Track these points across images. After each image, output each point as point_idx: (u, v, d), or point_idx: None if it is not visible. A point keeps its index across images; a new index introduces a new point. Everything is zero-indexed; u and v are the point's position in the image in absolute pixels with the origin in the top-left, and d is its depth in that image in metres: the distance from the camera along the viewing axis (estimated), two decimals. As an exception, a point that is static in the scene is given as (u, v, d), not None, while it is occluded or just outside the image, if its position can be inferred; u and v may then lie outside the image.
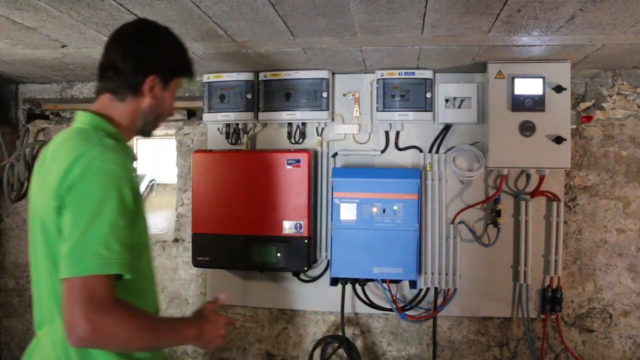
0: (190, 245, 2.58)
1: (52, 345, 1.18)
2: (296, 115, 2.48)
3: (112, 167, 1.15)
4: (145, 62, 1.29)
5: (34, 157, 2.93)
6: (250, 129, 2.61)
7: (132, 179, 1.19)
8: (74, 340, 1.05)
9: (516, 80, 2.19)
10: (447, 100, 2.41)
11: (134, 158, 1.33)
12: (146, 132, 1.39)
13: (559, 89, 2.18)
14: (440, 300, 2.47)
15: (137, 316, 1.14)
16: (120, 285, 1.15)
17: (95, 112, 1.29)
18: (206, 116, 2.56)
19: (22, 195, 2.88)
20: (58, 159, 1.17)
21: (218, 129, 2.63)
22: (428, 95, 2.40)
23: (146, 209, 1.34)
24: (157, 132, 3.21)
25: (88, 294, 1.06)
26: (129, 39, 1.30)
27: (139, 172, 3.25)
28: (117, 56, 1.28)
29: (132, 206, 1.17)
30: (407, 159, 2.52)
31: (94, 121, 1.27)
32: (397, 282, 2.45)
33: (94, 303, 1.06)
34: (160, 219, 3.00)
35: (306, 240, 2.39)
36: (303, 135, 2.57)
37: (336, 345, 2.51)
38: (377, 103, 2.44)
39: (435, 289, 2.47)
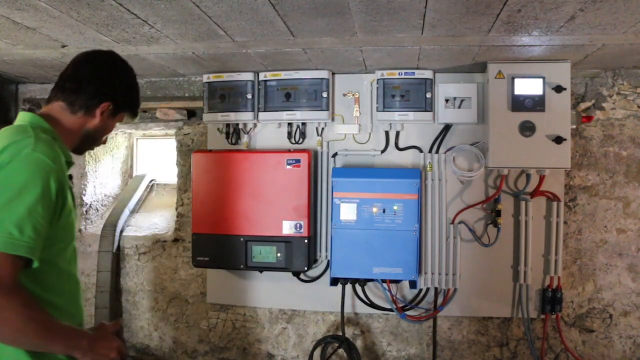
0: (190, 245, 2.58)
1: None
2: (296, 115, 2.48)
3: (40, 157, 1.19)
4: (107, 88, 1.42)
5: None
6: (250, 129, 2.61)
7: (60, 174, 1.23)
8: None
9: (516, 80, 2.19)
10: (447, 100, 2.41)
11: (69, 160, 1.38)
12: (79, 150, 1.47)
13: (559, 89, 2.17)
14: (440, 300, 2.47)
15: (34, 308, 1.14)
16: (34, 277, 1.19)
17: (39, 113, 1.38)
18: (206, 116, 2.56)
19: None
20: None
21: (218, 129, 2.63)
22: (428, 95, 2.40)
23: (75, 215, 1.39)
24: (157, 132, 3.23)
25: None
26: (101, 63, 1.44)
27: (139, 172, 3.25)
28: (84, 74, 1.40)
29: (55, 199, 1.21)
30: (407, 159, 2.52)
31: (34, 120, 1.34)
32: (397, 282, 2.45)
33: None
34: (160, 219, 3.00)
35: (306, 240, 2.39)
36: (303, 135, 2.57)
37: (336, 345, 2.51)
38: (377, 103, 2.44)
39: (435, 289, 2.47)
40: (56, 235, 1.26)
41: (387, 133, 2.52)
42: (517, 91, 2.19)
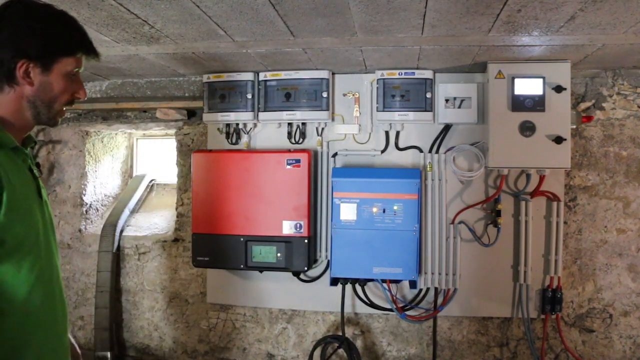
0: (190, 245, 2.58)
1: None
2: (296, 115, 2.48)
3: None
4: (9, 46, 1.14)
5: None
6: (250, 129, 2.61)
7: None
8: None
9: (516, 80, 2.19)
10: (447, 100, 2.41)
11: (14, 146, 1.17)
12: (46, 122, 1.23)
13: (559, 89, 2.17)
14: (440, 300, 2.47)
15: None
16: None
17: None
18: (206, 116, 2.56)
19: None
20: None
21: (218, 129, 2.63)
22: (428, 95, 2.40)
23: (29, 210, 1.14)
24: (157, 132, 3.22)
25: None
26: None
27: (139, 172, 3.25)
28: None
29: None
30: (407, 159, 2.52)
31: None
32: (397, 282, 2.45)
33: None
34: (160, 219, 3.00)
35: (306, 240, 2.39)
36: (303, 135, 2.57)
37: (336, 345, 2.51)
38: (377, 103, 2.44)
39: (435, 289, 2.47)
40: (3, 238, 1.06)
41: (387, 133, 2.52)
42: (517, 91, 2.19)
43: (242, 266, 2.45)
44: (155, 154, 3.26)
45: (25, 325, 1.09)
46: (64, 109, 1.25)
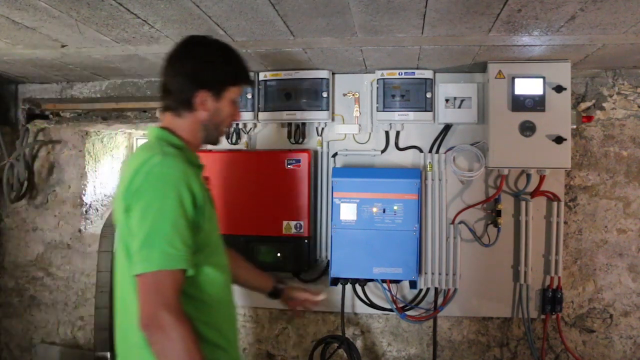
0: (190, 245, 2.57)
1: (133, 329, 1.27)
2: (296, 115, 2.48)
3: (169, 172, 1.26)
4: (190, 79, 1.37)
5: (34, 157, 2.94)
6: (250, 128, 2.61)
7: (190, 182, 1.27)
8: (142, 327, 1.19)
9: (516, 80, 2.19)
10: (447, 100, 2.41)
11: (198, 164, 1.42)
12: (213, 141, 1.49)
13: (559, 89, 2.17)
14: (440, 300, 2.47)
15: (191, 339, 1.20)
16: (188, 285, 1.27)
17: (161, 127, 1.42)
18: (206, 116, 2.56)
19: (22, 195, 2.88)
20: (128, 168, 1.33)
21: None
22: (428, 95, 2.39)
23: (212, 216, 1.41)
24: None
25: (156, 288, 1.20)
26: (174, 59, 1.40)
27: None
28: (168, 77, 1.40)
29: (192, 208, 1.27)
30: (407, 159, 2.52)
31: (159, 133, 1.40)
32: (397, 282, 2.44)
33: (160, 296, 1.20)
34: (160, 219, 3.00)
35: (306, 240, 2.39)
36: (303, 135, 2.57)
37: (336, 345, 2.50)
38: (377, 103, 2.44)
39: (436, 289, 2.47)
40: (203, 242, 1.32)
41: (387, 133, 2.52)
42: (518, 91, 2.18)
43: (242, 266, 2.44)
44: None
45: (223, 313, 1.40)
46: (226, 129, 1.54)
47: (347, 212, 2.32)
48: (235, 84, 1.43)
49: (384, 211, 2.30)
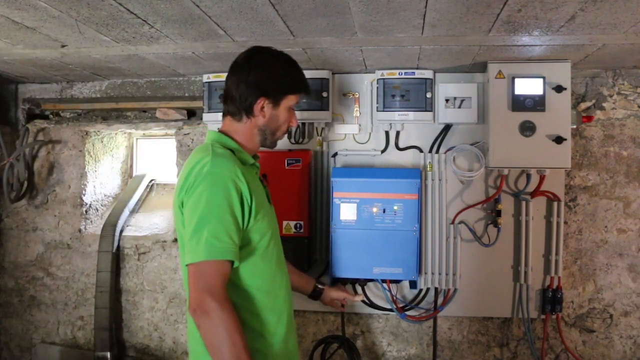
0: (190, 245, 2.57)
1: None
2: (296, 115, 2.47)
3: (219, 171, 1.38)
4: (252, 87, 1.49)
5: (34, 157, 2.94)
6: (250, 129, 2.60)
7: (238, 181, 1.39)
8: (191, 311, 1.31)
9: (516, 80, 2.18)
10: (447, 100, 2.41)
11: (252, 164, 1.55)
12: (268, 145, 1.60)
13: (559, 88, 2.17)
14: (440, 300, 2.47)
15: (233, 324, 1.30)
16: (236, 275, 1.41)
17: (219, 130, 1.57)
18: (206, 116, 2.56)
19: (22, 195, 2.88)
20: (184, 168, 1.46)
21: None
22: (428, 95, 2.39)
23: (272, 214, 1.56)
24: (157, 132, 3.23)
25: (202, 276, 1.32)
26: (239, 67, 1.53)
27: (139, 172, 3.25)
28: (231, 84, 1.53)
29: (240, 205, 1.38)
30: (407, 159, 2.52)
31: (215, 137, 1.54)
32: (397, 282, 2.44)
33: (205, 284, 1.31)
34: (160, 219, 3.00)
35: (306, 240, 2.39)
36: (303, 135, 2.57)
37: (336, 345, 2.50)
38: (377, 103, 2.44)
39: (436, 289, 2.47)
40: (252, 237, 1.44)
41: (387, 133, 2.52)
42: (518, 91, 2.18)
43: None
44: (155, 154, 3.26)
45: (269, 304, 1.49)
46: (284, 134, 1.62)
47: (347, 212, 2.32)
48: (293, 92, 1.55)
49: (384, 211, 2.30)
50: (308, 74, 2.40)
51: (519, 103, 2.18)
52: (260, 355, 1.45)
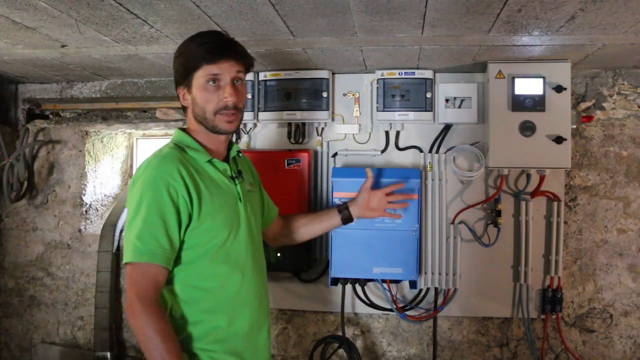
0: (190, 245, 2.57)
1: None
2: (296, 115, 2.48)
3: (153, 172, 1.36)
4: (175, 82, 1.53)
5: (34, 157, 2.93)
6: (250, 128, 2.60)
7: (174, 183, 1.35)
8: (125, 310, 1.33)
9: (516, 80, 2.18)
10: (447, 100, 2.41)
11: (208, 160, 1.47)
12: (212, 130, 1.49)
13: (559, 88, 2.17)
14: (440, 300, 2.47)
15: (158, 326, 1.29)
16: (179, 279, 1.40)
17: (180, 127, 1.55)
18: (206, 116, 2.56)
19: (22, 195, 2.88)
20: None
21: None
22: (428, 95, 2.39)
23: (219, 212, 1.45)
24: (157, 132, 3.22)
25: (132, 279, 1.33)
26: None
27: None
28: None
29: (175, 207, 1.34)
30: (407, 159, 2.52)
31: (176, 135, 1.53)
32: (397, 282, 2.44)
33: (134, 286, 1.31)
34: (160, 219, 2.99)
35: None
36: (303, 135, 2.57)
37: (336, 345, 2.50)
38: (377, 103, 2.44)
39: (436, 289, 2.47)
40: (199, 238, 1.40)
41: (387, 133, 2.52)
42: (517, 91, 2.18)
43: (242, 266, 2.44)
44: (155, 154, 3.26)
45: (229, 300, 1.46)
46: (223, 114, 1.46)
47: (347, 212, 2.32)
48: (194, 68, 1.44)
49: (384, 211, 2.29)
50: (308, 74, 2.45)
51: (519, 103, 2.18)
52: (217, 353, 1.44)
